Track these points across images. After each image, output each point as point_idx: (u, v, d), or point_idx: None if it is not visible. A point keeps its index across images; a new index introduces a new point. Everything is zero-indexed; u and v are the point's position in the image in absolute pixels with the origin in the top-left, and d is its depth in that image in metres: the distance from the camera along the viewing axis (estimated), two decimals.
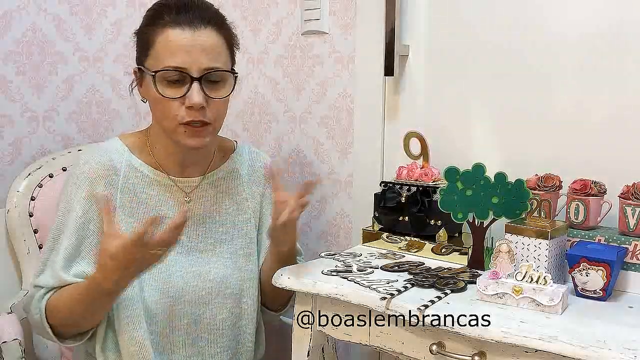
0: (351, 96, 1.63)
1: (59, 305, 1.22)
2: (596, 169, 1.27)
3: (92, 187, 1.27)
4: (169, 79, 1.23)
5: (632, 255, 1.15)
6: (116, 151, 1.32)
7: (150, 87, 1.25)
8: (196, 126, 1.25)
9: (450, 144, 1.48)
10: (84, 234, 1.27)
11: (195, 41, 1.23)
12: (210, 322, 1.34)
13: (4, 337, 1.41)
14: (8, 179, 1.66)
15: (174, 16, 1.23)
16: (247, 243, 1.40)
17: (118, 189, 1.29)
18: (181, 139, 1.26)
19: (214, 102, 1.25)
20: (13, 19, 1.69)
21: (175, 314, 1.31)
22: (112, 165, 1.30)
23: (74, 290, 1.22)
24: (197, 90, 1.22)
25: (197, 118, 1.24)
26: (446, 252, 1.33)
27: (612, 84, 1.28)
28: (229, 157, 1.43)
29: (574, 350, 0.92)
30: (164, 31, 1.23)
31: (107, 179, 1.29)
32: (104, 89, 1.90)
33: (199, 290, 1.33)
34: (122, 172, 1.30)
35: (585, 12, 1.31)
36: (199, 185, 1.37)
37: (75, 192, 1.28)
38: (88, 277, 1.21)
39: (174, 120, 1.25)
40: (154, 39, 1.24)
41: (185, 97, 1.23)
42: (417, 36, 1.53)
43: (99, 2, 1.87)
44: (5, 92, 1.69)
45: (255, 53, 1.81)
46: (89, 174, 1.28)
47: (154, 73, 1.23)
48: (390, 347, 1.15)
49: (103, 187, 1.28)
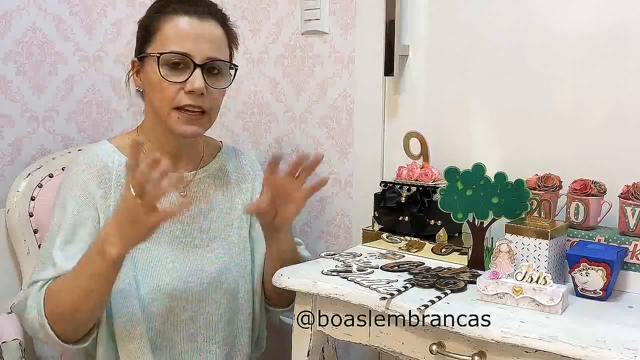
0: (351, 96, 1.63)
1: (58, 290, 1.19)
2: (596, 169, 1.27)
3: (85, 188, 1.28)
4: (173, 63, 1.26)
5: (632, 255, 1.15)
6: (105, 152, 1.33)
7: (150, 72, 1.27)
8: (192, 113, 1.27)
9: (450, 144, 1.48)
10: (79, 232, 1.26)
11: (202, 30, 1.27)
12: (207, 318, 1.35)
13: (4, 337, 1.41)
14: (8, 179, 1.66)
15: (183, 5, 1.28)
16: (240, 239, 1.41)
17: (112, 187, 1.30)
18: (174, 125, 1.28)
19: (212, 91, 1.29)
20: (13, 19, 1.69)
21: (171, 310, 1.31)
22: (103, 164, 1.30)
23: (72, 271, 1.19)
24: (200, 76, 1.25)
25: (195, 103, 1.26)
26: (446, 252, 1.33)
27: (612, 84, 1.28)
28: (216, 155, 1.45)
29: (574, 350, 0.92)
30: (172, 18, 1.27)
31: (99, 178, 1.29)
32: (104, 89, 1.90)
33: (195, 287, 1.33)
34: (115, 171, 1.31)
35: (585, 12, 1.31)
36: (192, 180, 1.38)
37: (69, 194, 1.28)
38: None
39: (168, 105, 1.26)
40: (161, 26, 1.28)
41: (186, 82, 1.25)
42: (417, 36, 1.53)
43: (99, 2, 1.87)
44: (5, 92, 1.69)
45: (255, 53, 1.81)
46: (81, 175, 1.29)
47: (159, 55, 1.26)
48: (390, 347, 1.15)
49: (96, 187, 1.28)
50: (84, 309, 1.18)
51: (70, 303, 1.17)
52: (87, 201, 1.27)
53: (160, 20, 1.28)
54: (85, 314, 1.20)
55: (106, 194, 1.29)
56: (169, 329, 1.31)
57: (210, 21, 1.29)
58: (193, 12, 1.28)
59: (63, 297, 1.18)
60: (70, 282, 1.18)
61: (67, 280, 1.19)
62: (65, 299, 1.17)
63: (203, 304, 1.34)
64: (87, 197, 1.27)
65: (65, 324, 1.20)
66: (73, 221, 1.26)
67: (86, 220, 1.27)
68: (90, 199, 1.28)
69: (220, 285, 1.35)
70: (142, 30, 1.32)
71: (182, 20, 1.27)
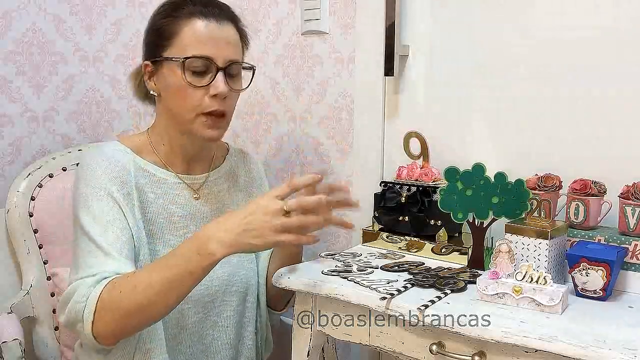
0: (351, 96, 1.63)
1: (125, 283, 1.12)
2: (596, 169, 1.27)
3: (108, 190, 1.23)
4: (195, 69, 1.25)
5: (632, 255, 1.15)
6: (120, 152, 1.30)
7: (170, 77, 1.26)
8: (215, 116, 1.27)
9: (450, 144, 1.48)
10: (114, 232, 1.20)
11: (222, 33, 1.27)
12: (216, 320, 1.35)
13: (4, 337, 1.41)
14: (8, 179, 1.66)
15: (201, 8, 1.26)
16: None
17: (133, 189, 1.27)
18: (200, 130, 1.27)
19: (231, 94, 1.29)
20: (13, 19, 1.69)
21: (183, 312, 1.30)
22: (122, 165, 1.27)
23: (148, 265, 1.16)
24: (223, 80, 1.25)
25: (220, 107, 1.26)
26: (446, 252, 1.33)
27: (613, 84, 1.28)
28: (225, 156, 1.46)
29: (574, 350, 0.92)
30: (191, 21, 1.25)
31: (121, 179, 1.25)
32: (104, 89, 1.90)
33: (206, 289, 1.32)
34: (133, 172, 1.28)
35: (585, 12, 1.30)
36: (205, 182, 1.38)
37: (91, 192, 1.22)
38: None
39: (194, 110, 1.25)
40: (179, 29, 1.25)
41: (209, 87, 1.25)
42: (417, 36, 1.53)
43: (99, 2, 1.87)
44: (5, 92, 1.69)
45: (255, 53, 1.81)
46: (102, 177, 1.23)
47: (184, 60, 1.24)
48: (390, 347, 1.15)
49: (119, 186, 1.24)
50: (158, 306, 1.13)
51: (143, 296, 1.11)
52: (111, 203, 1.22)
53: (176, 24, 1.26)
54: (154, 313, 1.14)
55: (129, 196, 1.25)
56: (181, 331, 1.31)
57: (227, 23, 1.28)
58: (210, 14, 1.26)
59: (137, 289, 1.11)
60: (147, 275, 1.12)
61: (140, 274, 1.13)
62: (139, 292, 1.11)
63: (213, 306, 1.34)
64: (110, 199, 1.22)
65: (121, 321, 1.13)
66: (104, 216, 1.20)
67: (115, 221, 1.21)
68: (114, 201, 1.22)
69: (230, 287, 1.35)
70: (155, 33, 1.29)
71: (201, 23, 1.25)
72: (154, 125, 1.36)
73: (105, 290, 1.12)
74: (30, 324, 1.56)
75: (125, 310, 1.12)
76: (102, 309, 1.12)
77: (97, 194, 1.22)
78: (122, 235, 1.20)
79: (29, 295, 1.55)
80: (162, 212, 1.31)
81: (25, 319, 1.53)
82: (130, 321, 1.14)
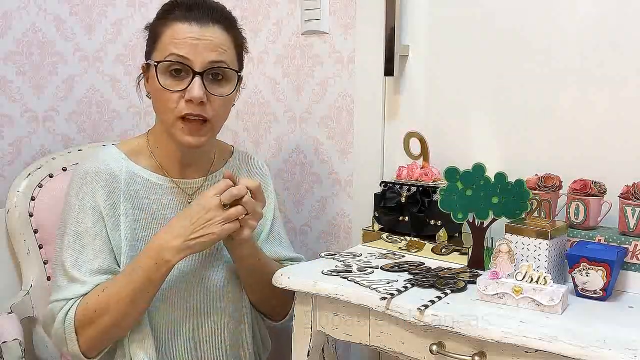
0: (351, 96, 1.63)
1: (98, 302, 1.21)
2: (596, 169, 1.27)
3: (94, 197, 1.27)
4: (172, 70, 1.24)
5: (632, 255, 1.15)
6: (113, 159, 1.31)
7: (153, 80, 1.26)
8: (194, 121, 1.25)
9: (450, 144, 1.48)
10: (94, 244, 1.26)
11: (202, 37, 1.24)
12: (213, 327, 1.35)
13: (4, 337, 1.41)
14: (8, 179, 1.65)
15: (184, 12, 1.25)
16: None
17: (121, 196, 1.28)
18: (179, 136, 1.26)
19: (214, 99, 1.26)
20: (13, 19, 1.69)
21: (177, 320, 1.31)
22: (111, 172, 1.29)
23: (114, 281, 1.23)
24: (199, 85, 1.23)
25: (195, 112, 1.24)
26: (446, 252, 1.33)
27: (612, 84, 1.28)
28: (228, 160, 1.44)
29: (574, 350, 0.92)
30: (172, 25, 1.25)
31: (108, 187, 1.28)
32: (104, 89, 1.90)
33: (201, 296, 1.33)
34: (123, 179, 1.29)
35: (585, 12, 1.31)
36: (200, 187, 1.37)
37: (78, 205, 1.27)
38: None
39: (172, 114, 1.25)
40: (162, 32, 1.26)
41: (185, 91, 1.23)
42: (417, 36, 1.53)
43: (99, 2, 1.87)
44: (5, 92, 1.69)
45: (255, 53, 1.81)
46: (90, 185, 1.27)
47: (157, 63, 1.25)
48: (390, 347, 1.15)
49: (105, 196, 1.27)
50: (132, 315, 1.23)
51: (116, 311, 1.21)
52: (96, 213, 1.27)
53: (161, 27, 1.26)
54: (130, 321, 1.24)
55: (115, 205, 1.28)
56: (174, 338, 1.31)
57: (212, 27, 1.25)
58: (193, 18, 1.24)
59: (110, 306, 1.21)
60: (116, 291, 1.21)
61: (109, 291, 1.21)
62: (112, 309, 1.21)
63: (209, 313, 1.34)
64: (95, 209, 1.27)
65: (98, 340, 1.24)
66: (86, 234, 1.26)
67: (101, 233, 1.27)
68: (99, 214, 1.27)
69: (225, 293, 1.35)
70: (149, 34, 1.31)
71: (181, 26, 1.24)
72: (153, 127, 1.37)
73: (79, 311, 1.22)
74: (30, 324, 1.56)
75: (104, 327, 1.22)
76: (81, 328, 1.22)
77: (84, 206, 1.27)
78: (103, 250, 1.27)
79: (29, 295, 1.55)
80: (156, 217, 1.31)
81: (25, 319, 1.53)
82: (110, 335, 1.25)
